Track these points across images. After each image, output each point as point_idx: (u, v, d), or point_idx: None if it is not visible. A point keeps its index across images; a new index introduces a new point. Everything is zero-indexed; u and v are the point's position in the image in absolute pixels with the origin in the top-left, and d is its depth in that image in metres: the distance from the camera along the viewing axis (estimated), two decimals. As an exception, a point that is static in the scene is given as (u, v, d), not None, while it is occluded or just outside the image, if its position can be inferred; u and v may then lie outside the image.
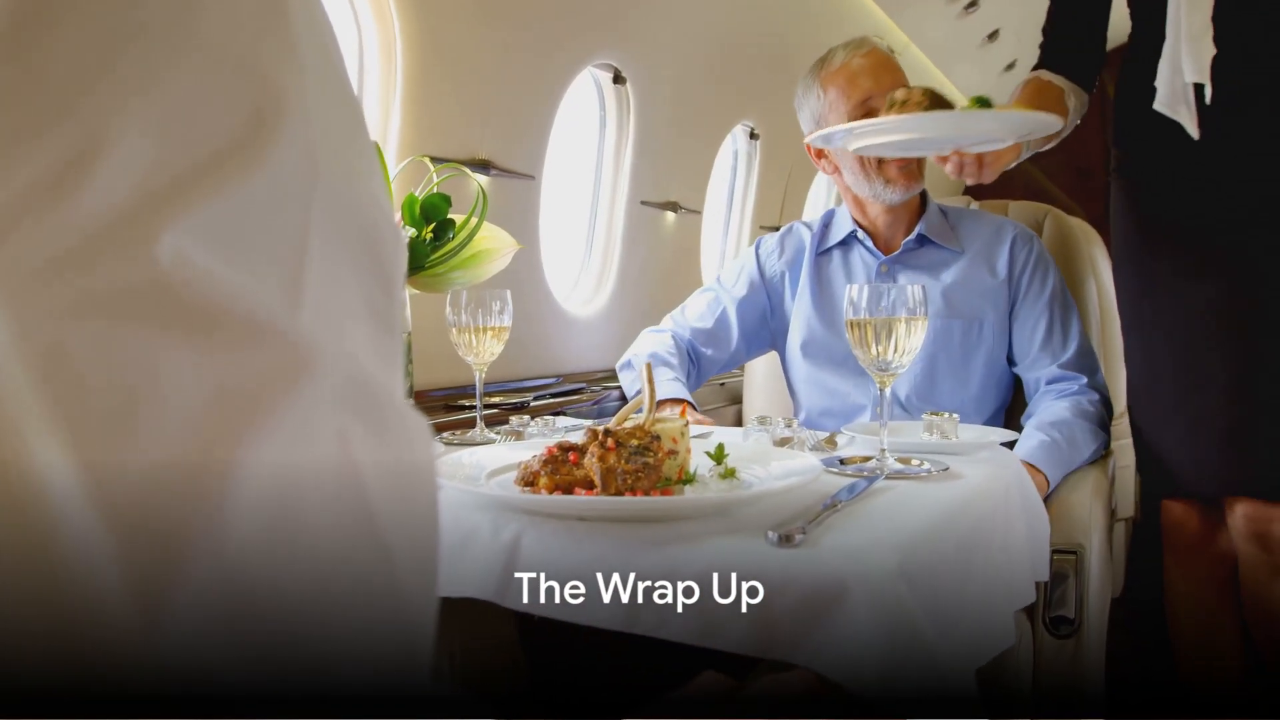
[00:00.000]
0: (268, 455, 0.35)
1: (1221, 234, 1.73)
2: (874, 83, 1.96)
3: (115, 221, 0.33)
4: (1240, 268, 1.71)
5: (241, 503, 0.33)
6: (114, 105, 0.34)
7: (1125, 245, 1.87)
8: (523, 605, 0.99)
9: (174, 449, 0.33)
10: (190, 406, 0.33)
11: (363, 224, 0.42)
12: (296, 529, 0.35)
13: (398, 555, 0.39)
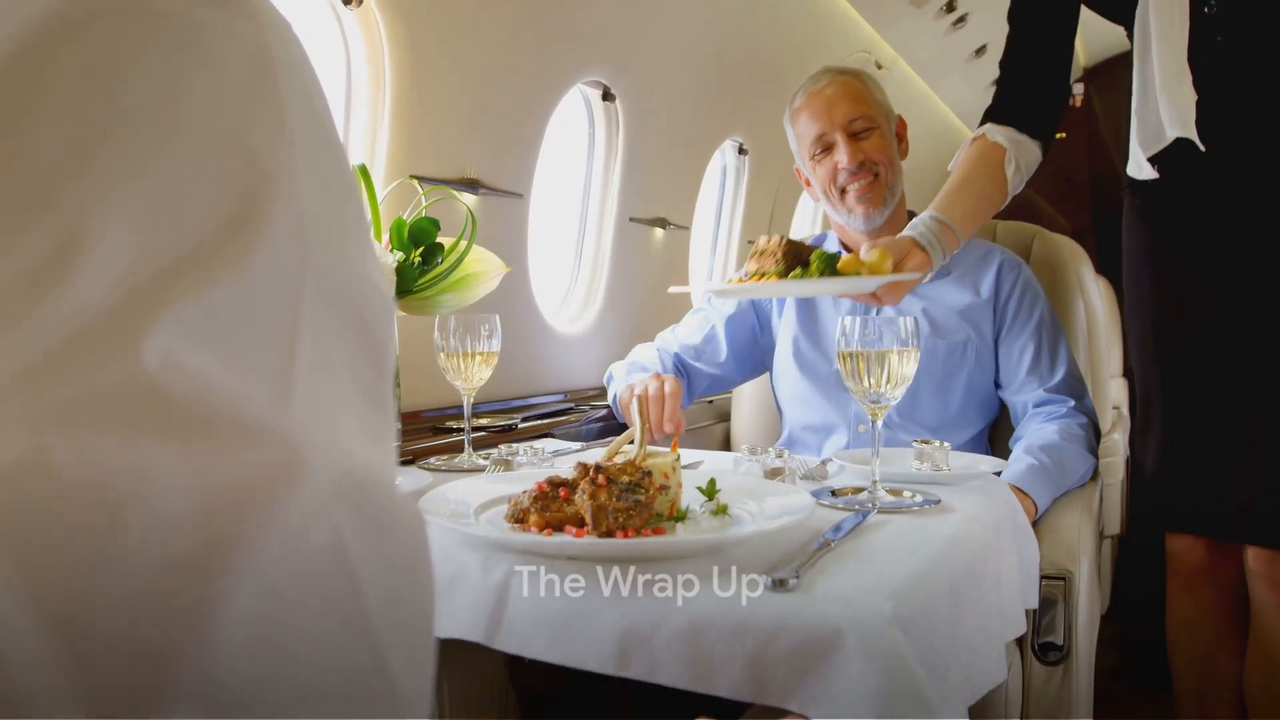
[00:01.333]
0: (260, 564, 0.33)
1: (1233, 260, 1.71)
2: (827, 121, 2.03)
3: (99, 322, 0.32)
4: (1256, 300, 1.69)
5: (232, 616, 0.32)
6: (96, 196, 0.33)
7: (1136, 265, 1.85)
8: (514, 648, 0.98)
9: (161, 564, 0.31)
10: (178, 517, 0.32)
11: (353, 299, 0.41)
12: (289, 638, 0.34)
13: (393, 657, 0.38)
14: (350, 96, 1.92)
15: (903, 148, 2.12)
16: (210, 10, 0.38)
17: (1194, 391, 1.75)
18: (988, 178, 1.78)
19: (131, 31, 0.35)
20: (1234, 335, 1.69)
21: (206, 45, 0.37)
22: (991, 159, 1.79)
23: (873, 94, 2.06)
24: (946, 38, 4.18)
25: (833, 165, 2.03)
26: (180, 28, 0.36)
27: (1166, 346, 1.78)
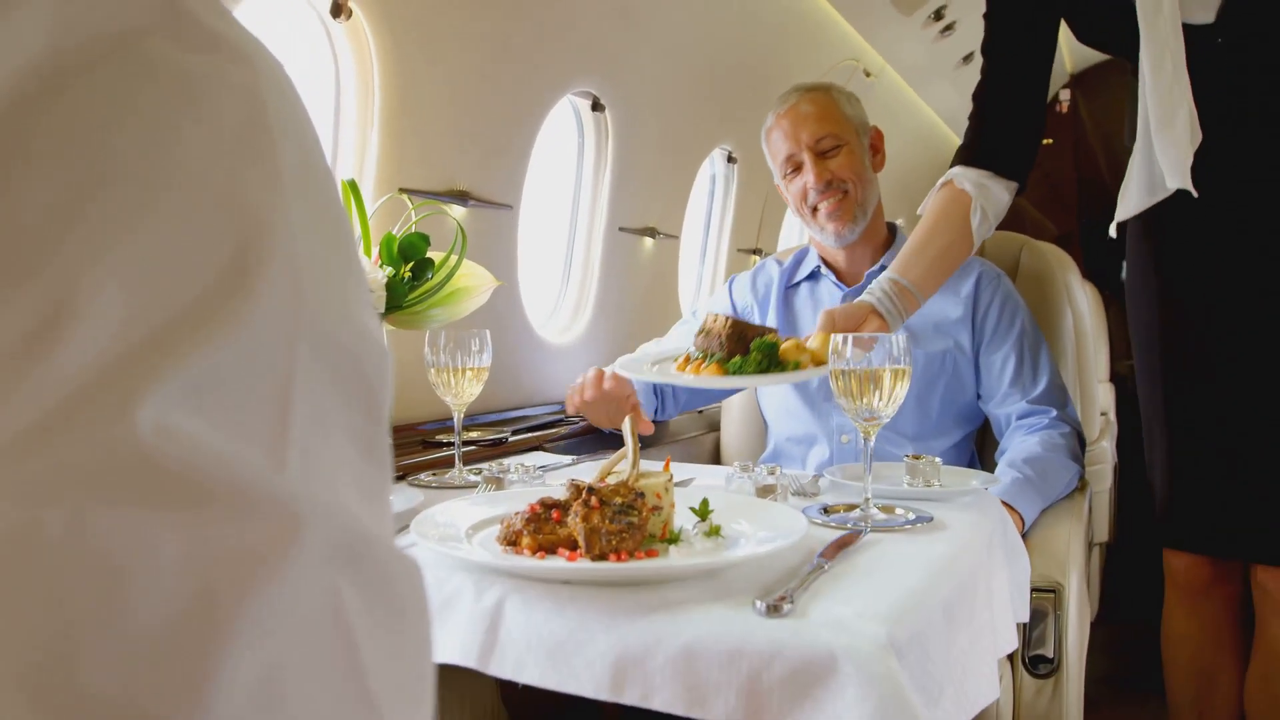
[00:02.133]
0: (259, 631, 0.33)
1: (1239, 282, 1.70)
2: (795, 142, 2.06)
3: (90, 390, 0.31)
4: (1261, 322, 1.68)
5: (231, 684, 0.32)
6: (87, 258, 0.32)
7: (1140, 285, 1.84)
8: (507, 673, 0.98)
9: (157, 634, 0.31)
10: (174, 587, 0.31)
11: (349, 351, 0.40)
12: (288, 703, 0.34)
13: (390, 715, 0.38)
14: (339, 109, 1.91)
15: (877, 160, 2.13)
16: (201, 57, 0.37)
17: (1199, 412, 1.75)
18: (953, 230, 1.77)
19: (120, 82, 0.34)
20: (1240, 355, 1.69)
21: (198, 95, 0.36)
22: (958, 208, 1.78)
23: (842, 109, 2.08)
24: (934, 45, 4.19)
25: (803, 184, 2.06)
26: (171, 77, 0.35)
27: (1172, 367, 1.78)
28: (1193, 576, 1.83)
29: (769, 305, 2.22)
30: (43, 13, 0.34)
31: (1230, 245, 1.69)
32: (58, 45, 0.33)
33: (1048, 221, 7.03)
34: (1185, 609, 1.87)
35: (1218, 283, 1.71)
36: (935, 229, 1.78)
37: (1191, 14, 1.61)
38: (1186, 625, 1.88)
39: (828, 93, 2.09)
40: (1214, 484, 1.73)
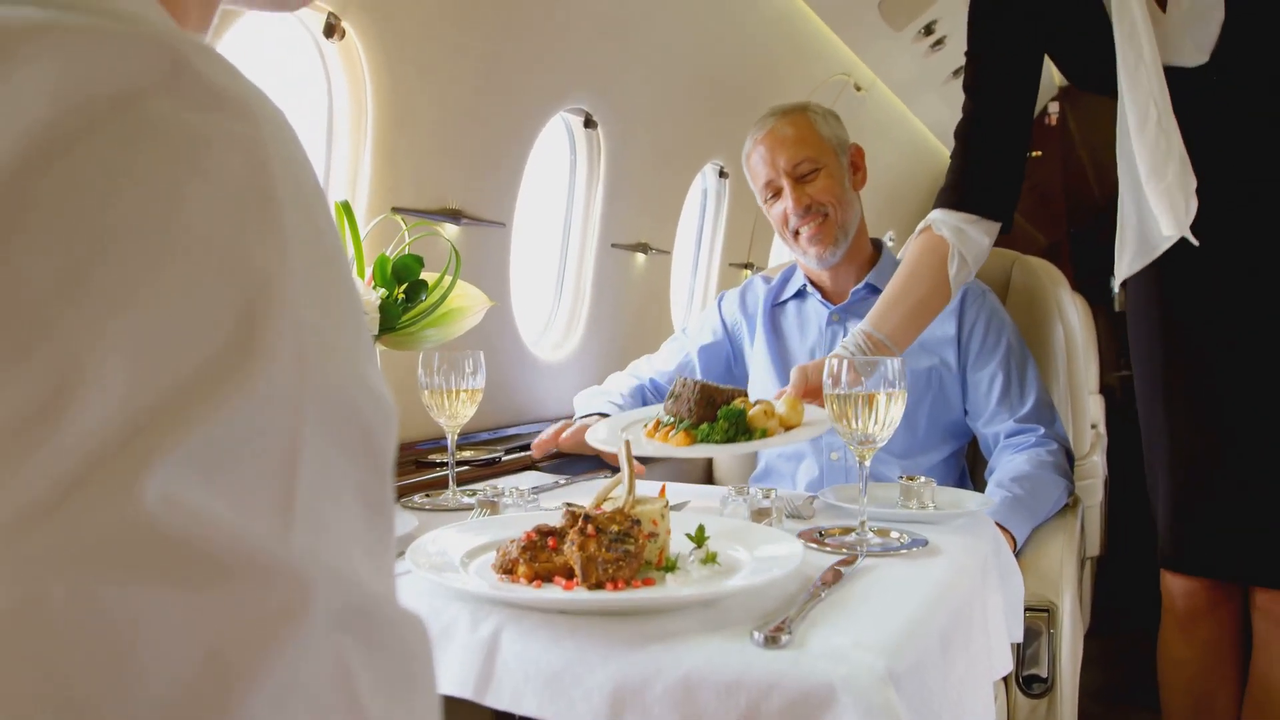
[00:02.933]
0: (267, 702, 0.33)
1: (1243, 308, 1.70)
2: (772, 168, 2.07)
3: (96, 464, 0.30)
4: (1264, 347, 1.69)
5: None
6: (92, 328, 0.32)
7: (1143, 310, 1.83)
8: (504, 704, 0.97)
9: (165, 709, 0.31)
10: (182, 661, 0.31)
11: (354, 408, 0.40)
12: None
13: None
14: (332, 129, 1.91)
15: (858, 178, 2.13)
16: (204, 115, 0.36)
17: (1200, 435, 1.75)
18: (929, 281, 1.77)
19: (122, 145, 0.34)
20: (1240, 380, 1.69)
21: (200, 156, 0.36)
22: (935, 257, 1.78)
23: (819, 131, 2.07)
24: (925, 60, 4.21)
25: (783, 209, 2.06)
26: (173, 138, 0.35)
27: (1173, 391, 1.78)
28: (1191, 600, 1.83)
29: (756, 323, 2.23)
30: (45, 74, 0.34)
31: (1232, 271, 1.69)
32: (60, 108, 0.33)
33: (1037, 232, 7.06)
34: (1183, 632, 1.87)
35: (1219, 308, 1.71)
36: (912, 279, 1.78)
37: (1184, 58, 1.61)
38: (1184, 649, 1.88)
39: (804, 114, 2.09)
40: (1214, 507, 1.74)
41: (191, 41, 0.39)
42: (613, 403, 2.05)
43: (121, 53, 0.36)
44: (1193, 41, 1.59)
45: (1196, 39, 1.59)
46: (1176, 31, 1.60)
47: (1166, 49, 1.63)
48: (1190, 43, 1.59)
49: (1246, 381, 1.69)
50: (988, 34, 1.80)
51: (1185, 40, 1.60)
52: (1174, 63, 1.62)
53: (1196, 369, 1.75)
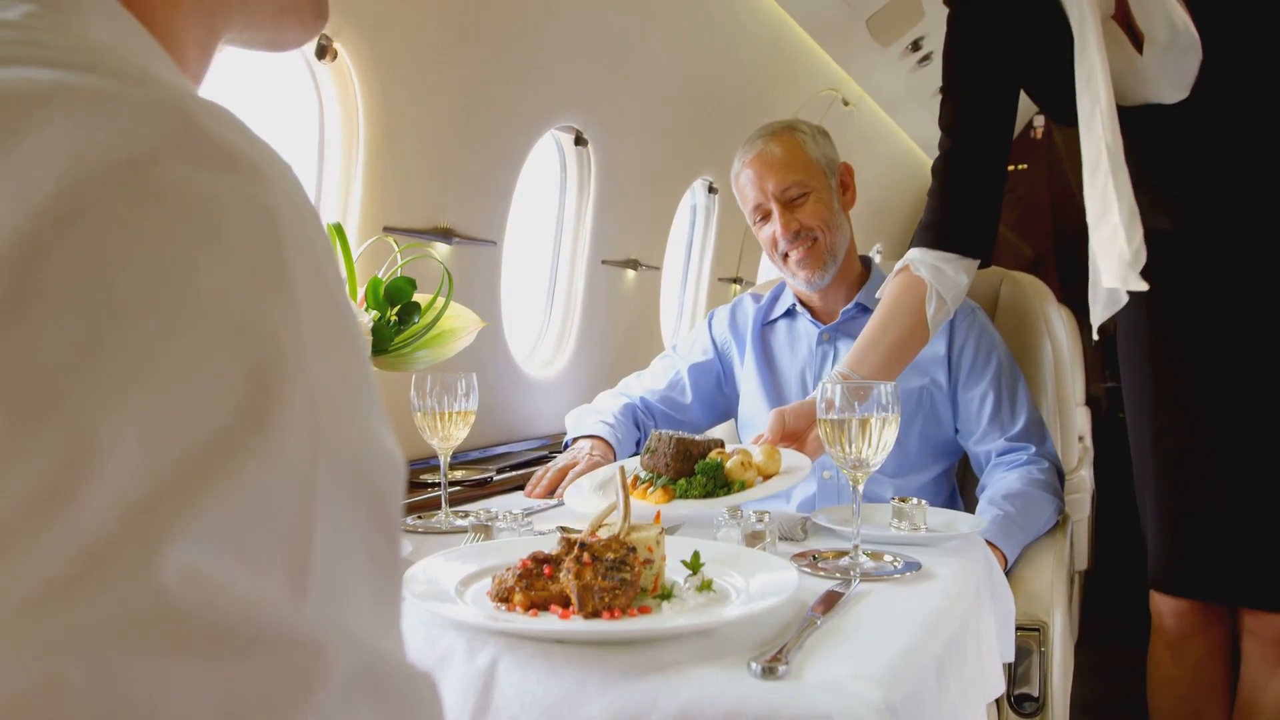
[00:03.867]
0: None
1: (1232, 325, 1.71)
2: (761, 192, 2.06)
3: (113, 540, 0.30)
4: (1253, 365, 1.69)
5: None
6: (106, 401, 0.31)
7: (1133, 326, 1.84)
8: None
9: None
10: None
11: (364, 468, 0.40)
12: None
13: None
14: (323, 149, 1.91)
15: (847, 197, 2.13)
16: (214, 176, 0.36)
17: (1188, 457, 1.76)
18: (907, 322, 1.77)
19: (134, 212, 0.34)
20: (1229, 403, 1.70)
21: (212, 220, 0.35)
22: (913, 298, 1.78)
23: (808, 153, 2.06)
24: (912, 74, 4.24)
25: (772, 233, 2.06)
26: (184, 202, 0.35)
27: (1162, 413, 1.79)
28: (1181, 620, 1.84)
29: (746, 343, 2.23)
30: (56, 141, 0.33)
31: (1221, 294, 1.71)
32: (71, 175, 0.33)
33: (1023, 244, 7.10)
34: (1172, 652, 1.88)
35: (1208, 330, 1.72)
36: (890, 320, 1.78)
37: (1162, 96, 1.62)
38: (1172, 668, 1.89)
39: (793, 134, 2.08)
40: (1204, 529, 1.75)
41: (199, 100, 0.39)
42: (604, 423, 2.05)
43: (131, 116, 0.36)
44: (1170, 81, 1.59)
45: (1174, 79, 1.59)
46: (1153, 72, 1.60)
47: (1144, 88, 1.63)
48: (1168, 82, 1.60)
49: (1235, 404, 1.70)
50: (963, 72, 1.80)
51: (1162, 80, 1.60)
52: (1152, 100, 1.63)
53: (1185, 392, 1.76)
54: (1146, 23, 1.56)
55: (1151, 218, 1.76)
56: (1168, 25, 1.54)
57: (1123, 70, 1.63)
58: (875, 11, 3.48)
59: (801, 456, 1.65)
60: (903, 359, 1.77)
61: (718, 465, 1.56)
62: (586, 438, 2.00)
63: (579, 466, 1.84)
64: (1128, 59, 1.61)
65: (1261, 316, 1.68)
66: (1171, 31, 1.54)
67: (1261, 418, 1.68)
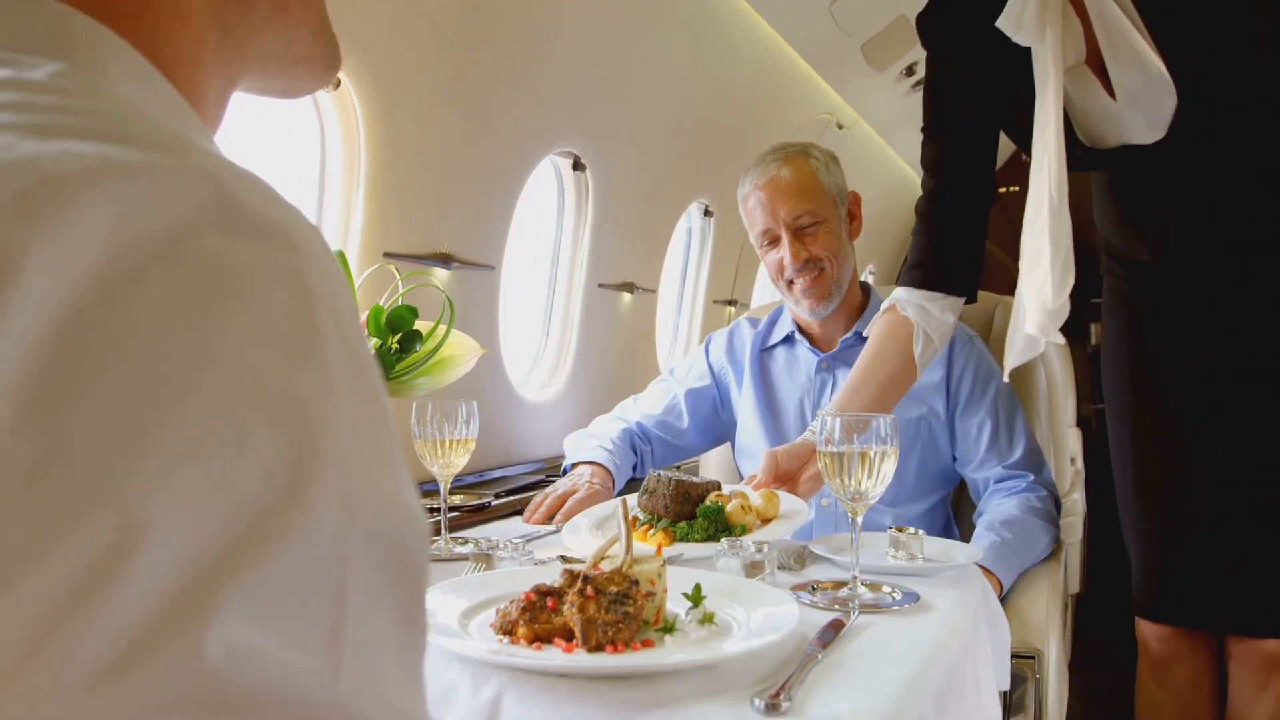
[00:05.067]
0: None
1: (1213, 350, 1.73)
2: (772, 217, 2.05)
3: (162, 620, 0.31)
4: (1234, 391, 1.71)
5: None
6: (152, 479, 0.32)
7: (1114, 351, 1.87)
8: (505, 770, 0.98)
9: None
10: None
11: (393, 531, 0.41)
12: None
13: None
14: (324, 176, 1.93)
15: (854, 227, 2.13)
16: (248, 247, 0.37)
17: (1169, 486, 1.78)
18: (894, 362, 1.79)
19: (174, 287, 0.34)
20: (1209, 431, 1.72)
21: (248, 291, 0.36)
22: (899, 338, 1.79)
23: (821, 180, 2.06)
24: (906, 99, 4.27)
25: (779, 260, 2.05)
26: (221, 274, 0.36)
27: (1142, 441, 1.81)
28: (1166, 645, 1.86)
29: (744, 369, 2.23)
30: (99, 218, 0.34)
31: (1200, 325, 1.73)
32: (113, 253, 0.34)
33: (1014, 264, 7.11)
34: (1158, 676, 1.89)
35: (1187, 362, 1.74)
36: (877, 361, 1.80)
37: (1139, 137, 1.63)
38: (1159, 693, 1.90)
39: (806, 160, 2.07)
40: (1185, 558, 1.76)
41: (232, 169, 0.40)
42: (604, 449, 2.05)
43: (169, 189, 0.36)
44: (1146, 123, 1.61)
45: (1149, 121, 1.61)
46: (1128, 116, 1.62)
47: (1120, 131, 1.65)
48: (1144, 124, 1.61)
49: (1214, 433, 1.72)
50: (944, 113, 1.81)
51: (1138, 122, 1.62)
52: (1129, 141, 1.65)
53: (1164, 420, 1.78)
54: (1118, 71, 1.58)
55: (1131, 249, 1.79)
56: (1141, 72, 1.55)
57: (1098, 114, 1.65)
58: (870, 38, 3.51)
59: (798, 500, 1.66)
60: (890, 400, 1.79)
61: (719, 509, 1.56)
62: (585, 464, 2.01)
63: (579, 494, 1.85)
64: (1102, 104, 1.63)
65: (1238, 347, 1.70)
66: (1145, 77, 1.55)
67: (1239, 447, 1.70)
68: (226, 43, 0.57)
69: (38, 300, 0.32)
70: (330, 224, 1.93)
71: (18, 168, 0.35)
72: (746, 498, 1.59)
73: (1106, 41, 1.56)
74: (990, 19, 1.61)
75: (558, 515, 1.81)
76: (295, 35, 0.61)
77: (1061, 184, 1.59)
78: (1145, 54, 1.53)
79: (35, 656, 0.30)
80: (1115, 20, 1.54)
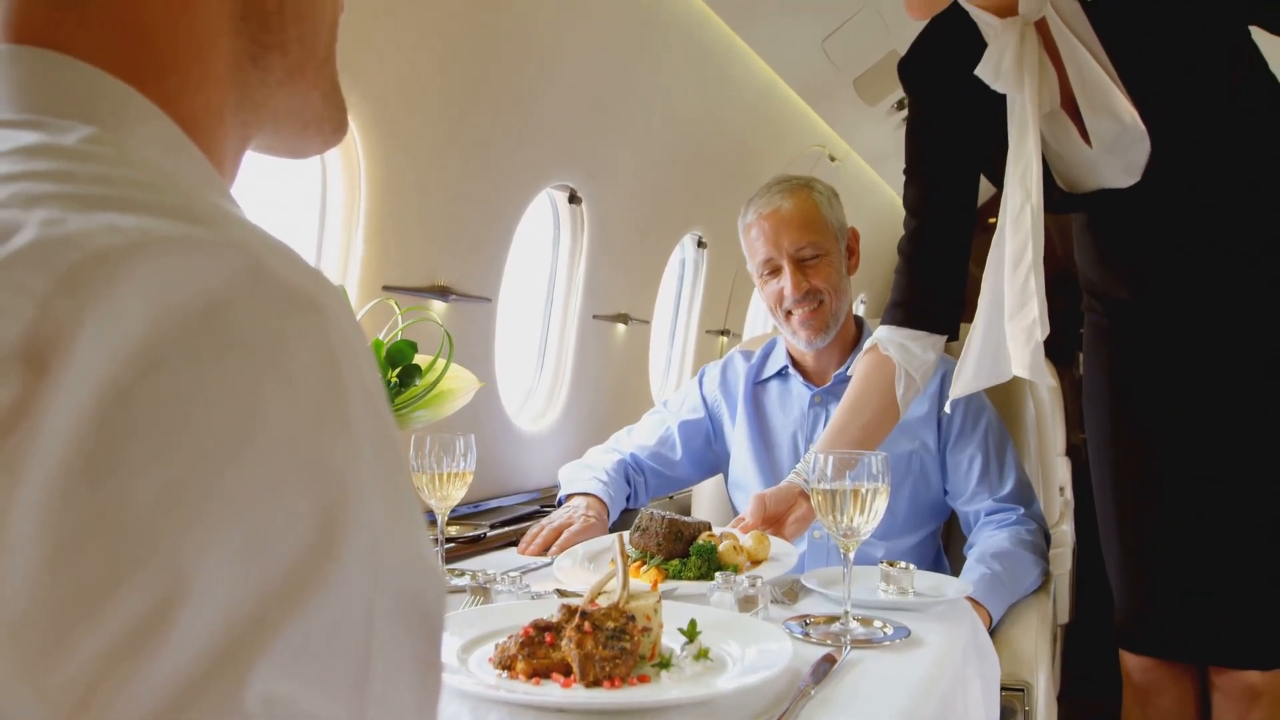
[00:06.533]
0: None
1: (1191, 387, 1.76)
2: (775, 247, 2.08)
3: (204, 675, 0.33)
4: (1212, 426, 1.74)
5: None
6: (195, 541, 0.34)
7: (1095, 388, 1.90)
8: (504, 805, 0.99)
9: None
10: None
11: (414, 586, 0.43)
12: None
13: None
14: (325, 211, 1.95)
15: (852, 262, 2.16)
16: (280, 318, 0.39)
17: (1149, 519, 1.81)
18: (876, 403, 1.82)
19: (211, 356, 0.36)
20: (1187, 466, 1.76)
21: (280, 360, 0.38)
22: (883, 376, 1.82)
23: (824, 213, 2.10)
24: (897, 131, 4.32)
25: (779, 290, 2.08)
26: (254, 344, 0.37)
27: (1123, 472, 1.84)
28: (1148, 675, 1.88)
29: (737, 402, 2.25)
30: (141, 292, 0.36)
31: (1178, 361, 1.76)
32: (154, 325, 0.35)
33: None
34: (1141, 708, 1.92)
35: (1166, 397, 1.78)
36: (860, 402, 1.83)
37: (1115, 181, 1.67)
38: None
39: (810, 193, 2.10)
40: (1165, 588, 1.79)
41: (263, 239, 0.43)
42: (599, 480, 2.07)
43: (206, 262, 0.38)
44: (1122, 168, 1.64)
45: (1125, 167, 1.64)
46: (1103, 162, 1.66)
47: (1096, 176, 1.69)
48: (1120, 169, 1.65)
49: (1192, 467, 1.75)
50: (924, 157, 1.85)
51: (1114, 167, 1.65)
52: (1106, 186, 1.68)
53: (1144, 455, 1.81)
54: (1093, 119, 1.62)
55: (1110, 287, 1.82)
56: (1115, 121, 1.59)
57: (1074, 160, 1.69)
58: (862, 72, 3.57)
59: (787, 544, 1.69)
60: (873, 442, 1.81)
61: (713, 548, 1.59)
62: (581, 495, 2.03)
63: (574, 526, 1.87)
64: (1079, 149, 1.67)
65: (1214, 381, 1.73)
66: (1119, 126, 1.59)
67: (1216, 480, 1.73)
68: (245, 103, 0.60)
69: (88, 372, 0.34)
70: (330, 257, 1.96)
71: (69, 244, 0.36)
72: (736, 539, 1.62)
73: (1081, 91, 1.60)
74: (969, 67, 1.65)
75: (552, 547, 1.83)
76: (308, 99, 0.64)
77: (1041, 229, 1.62)
78: (1119, 103, 1.57)
79: (87, 708, 0.32)
80: (1090, 70, 1.58)
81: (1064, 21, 1.58)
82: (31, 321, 0.34)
